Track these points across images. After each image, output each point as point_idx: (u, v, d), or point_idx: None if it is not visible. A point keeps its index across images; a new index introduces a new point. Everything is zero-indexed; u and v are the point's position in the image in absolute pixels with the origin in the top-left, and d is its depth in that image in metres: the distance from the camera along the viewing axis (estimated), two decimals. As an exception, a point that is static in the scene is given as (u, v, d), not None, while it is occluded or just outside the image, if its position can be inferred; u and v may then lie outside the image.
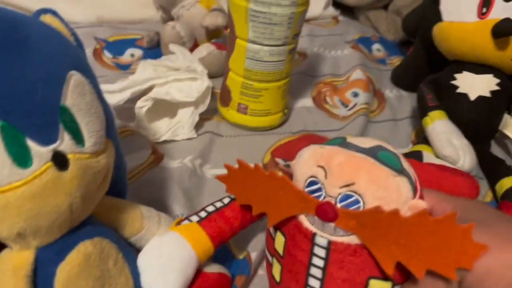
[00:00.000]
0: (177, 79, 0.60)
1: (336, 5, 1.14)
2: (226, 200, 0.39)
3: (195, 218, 0.37)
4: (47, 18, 0.32)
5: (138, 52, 0.83)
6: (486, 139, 0.66)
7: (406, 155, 0.60)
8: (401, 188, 0.26)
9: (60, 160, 0.27)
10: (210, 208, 0.38)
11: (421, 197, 0.28)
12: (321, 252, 0.29)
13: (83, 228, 0.31)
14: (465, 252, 0.23)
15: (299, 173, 0.31)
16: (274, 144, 0.64)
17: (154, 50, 0.84)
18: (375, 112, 0.75)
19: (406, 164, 0.29)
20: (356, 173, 0.27)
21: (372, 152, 0.28)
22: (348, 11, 1.14)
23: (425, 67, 0.77)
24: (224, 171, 0.35)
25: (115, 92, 0.58)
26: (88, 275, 0.30)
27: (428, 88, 0.65)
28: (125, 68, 0.77)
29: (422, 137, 0.64)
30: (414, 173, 0.29)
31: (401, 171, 0.27)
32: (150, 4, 0.93)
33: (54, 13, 0.33)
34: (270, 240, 0.33)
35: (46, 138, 0.26)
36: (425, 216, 0.24)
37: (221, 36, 0.82)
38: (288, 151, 0.62)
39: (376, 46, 0.99)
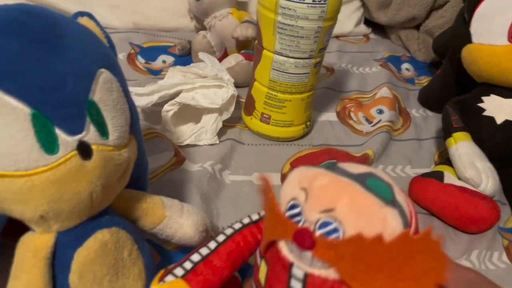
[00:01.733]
0: (204, 86, 0.62)
1: (368, 23, 1.14)
2: (213, 245, 0.34)
3: (179, 272, 0.32)
4: (83, 20, 0.35)
5: (169, 59, 0.86)
6: (511, 164, 0.64)
7: (427, 175, 0.59)
8: (388, 219, 0.23)
9: (84, 150, 0.29)
10: (196, 258, 0.33)
11: (416, 233, 0.25)
12: (298, 286, 0.26)
13: (102, 217, 0.32)
14: (437, 266, 0.22)
15: (282, 195, 0.28)
16: (294, 155, 0.64)
17: (186, 57, 0.86)
18: (400, 130, 0.75)
19: (400, 196, 0.26)
20: (337, 198, 0.24)
21: (361, 178, 0.26)
22: (380, 30, 1.14)
23: (452, 88, 0.76)
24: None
25: (144, 95, 0.61)
26: (103, 261, 0.31)
27: (454, 109, 0.64)
28: (156, 74, 0.80)
29: (445, 158, 0.64)
30: (411, 207, 0.26)
31: (391, 202, 0.25)
32: (184, 13, 0.96)
33: (90, 15, 0.35)
34: (256, 269, 0.31)
35: (73, 128, 0.28)
36: (408, 237, 0.22)
37: (250, 47, 0.84)
38: (307, 163, 0.63)
39: (405, 66, 0.99)
